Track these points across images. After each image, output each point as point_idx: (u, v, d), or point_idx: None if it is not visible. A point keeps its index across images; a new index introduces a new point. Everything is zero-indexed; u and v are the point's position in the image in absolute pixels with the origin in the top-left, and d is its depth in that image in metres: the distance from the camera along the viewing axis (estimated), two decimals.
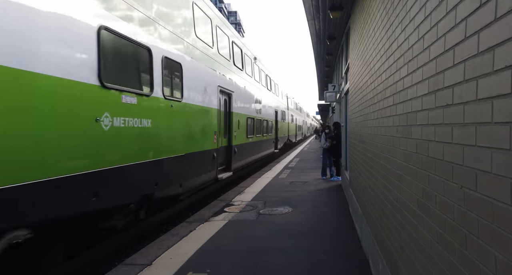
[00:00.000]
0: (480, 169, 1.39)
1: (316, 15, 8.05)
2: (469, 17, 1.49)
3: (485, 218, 1.34)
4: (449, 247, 1.71)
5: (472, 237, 1.45)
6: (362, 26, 5.14)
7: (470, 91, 1.48)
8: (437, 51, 1.89)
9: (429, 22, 2.02)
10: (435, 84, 1.92)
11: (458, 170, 1.61)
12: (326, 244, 4.98)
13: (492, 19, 1.29)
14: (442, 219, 1.81)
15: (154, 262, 4.36)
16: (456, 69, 1.63)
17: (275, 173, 12.70)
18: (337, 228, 5.81)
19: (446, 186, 1.77)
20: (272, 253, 4.62)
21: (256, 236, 5.34)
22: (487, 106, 1.33)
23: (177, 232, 5.60)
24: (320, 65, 15.41)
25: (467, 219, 1.51)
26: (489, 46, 1.32)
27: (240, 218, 6.43)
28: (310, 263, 4.30)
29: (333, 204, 7.56)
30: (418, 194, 2.26)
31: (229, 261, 4.38)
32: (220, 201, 7.99)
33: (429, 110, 2.03)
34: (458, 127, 1.61)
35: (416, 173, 2.30)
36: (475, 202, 1.44)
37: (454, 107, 1.66)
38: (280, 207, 7.29)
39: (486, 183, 1.34)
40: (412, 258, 2.37)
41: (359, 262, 4.32)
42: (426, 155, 2.08)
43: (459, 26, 1.60)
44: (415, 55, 2.33)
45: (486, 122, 1.34)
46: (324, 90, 15.64)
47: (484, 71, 1.36)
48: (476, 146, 1.42)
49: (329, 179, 11.15)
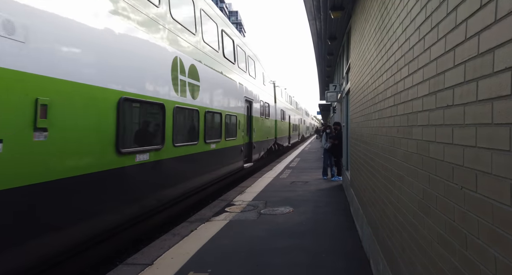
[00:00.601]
0: (480, 170, 1.40)
1: (317, 15, 8.05)
2: (470, 19, 1.49)
3: (485, 219, 1.35)
4: (450, 248, 1.71)
5: (472, 237, 1.46)
6: (363, 26, 5.14)
7: (471, 92, 1.48)
8: (437, 52, 1.90)
9: (430, 23, 2.02)
10: (436, 85, 1.93)
11: (459, 171, 1.61)
12: (327, 244, 4.98)
13: (492, 20, 1.29)
14: (443, 219, 1.81)
15: (155, 262, 4.37)
16: (457, 70, 1.64)
17: (276, 173, 12.71)
18: (338, 228, 5.81)
19: (446, 187, 1.77)
20: (273, 253, 4.63)
21: (257, 236, 5.35)
22: (487, 107, 1.34)
23: (178, 232, 5.61)
24: (321, 65, 15.41)
25: (467, 220, 1.52)
26: (489, 47, 1.32)
27: (241, 218, 6.44)
28: (311, 263, 4.30)
29: (334, 204, 7.57)
30: (418, 194, 2.27)
31: (230, 261, 4.39)
32: (221, 201, 8.00)
33: (429, 110, 2.04)
34: (459, 128, 1.61)
35: (417, 174, 2.30)
36: (475, 203, 1.44)
37: (454, 108, 1.67)
38: (281, 207, 7.30)
39: (486, 184, 1.34)
40: (412, 258, 2.38)
41: (360, 262, 4.33)
42: (427, 155, 2.09)
43: (459, 27, 1.60)
44: (415, 55, 2.33)
45: (486, 123, 1.35)
46: (325, 90, 15.64)
47: (484, 72, 1.36)
48: (476, 147, 1.43)
49: (330, 179, 11.15)
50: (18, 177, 3.32)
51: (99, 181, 4.43)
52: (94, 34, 4.38)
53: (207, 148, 8.14)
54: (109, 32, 4.69)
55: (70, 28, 4.02)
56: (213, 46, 8.86)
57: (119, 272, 4.10)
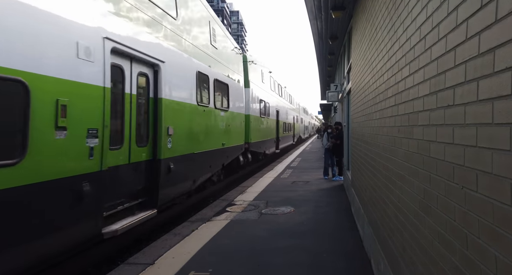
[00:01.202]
0: (480, 169, 1.40)
1: (318, 15, 8.05)
2: (470, 19, 1.49)
3: (486, 218, 1.35)
4: (450, 247, 1.71)
5: (473, 237, 1.46)
6: (364, 26, 5.14)
7: (471, 92, 1.49)
8: (438, 51, 1.90)
9: (431, 22, 2.02)
10: (437, 84, 1.93)
11: (459, 171, 1.62)
12: (328, 244, 4.98)
13: (493, 20, 1.29)
14: (443, 219, 1.81)
15: (156, 262, 4.38)
16: (457, 70, 1.64)
17: (277, 173, 12.71)
18: (339, 228, 5.81)
19: (447, 187, 1.77)
20: (274, 253, 4.63)
21: (258, 236, 5.36)
22: (487, 107, 1.34)
23: (179, 232, 5.62)
24: (322, 65, 15.40)
25: (467, 220, 1.52)
26: (489, 47, 1.32)
27: (242, 218, 6.44)
28: (312, 262, 4.31)
29: (335, 204, 7.56)
30: (419, 194, 2.27)
31: (231, 260, 4.40)
32: (222, 201, 8.00)
33: (430, 110, 2.04)
34: (459, 128, 1.62)
35: (418, 173, 2.30)
36: (476, 203, 1.45)
37: (455, 107, 1.67)
38: (282, 207, 7.30)
39: (487, 183, 1.35)
40: (413, 258, 2.38)
41: (361, 262, 4.33)
42: (428, 155, 2.09)
43: (460, 27, 1.60)
44: (416, 55, 2.33)
45: (486, 123, 1.35)
46: (326, 90, 15.63)
47: (484, 72, 1.36)
48: (477, 146, 1.43)
49: (331, 179, 11.15)
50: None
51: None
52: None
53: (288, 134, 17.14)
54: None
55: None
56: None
57: (120, 272, 4.11)
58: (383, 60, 3.58)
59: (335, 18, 7.62)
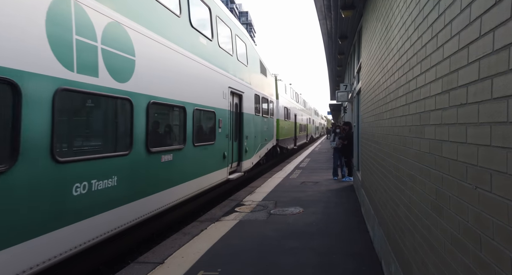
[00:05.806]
0: (495, 169, 1.37)
1: (327, 14, 8.01)
2: (484, 15, 1.46)
3: (501, 219, 1.32)
4: (463, 249, 1.68)
5: (487, 238, 1.43)
6: (375, 24, 5.09)
7: (485, 90, 1.45)
8: (451, 49, 1.87)
9: (443, 20, 1.99)
10: (449, 83, 1.89)
11: (473, 171, 1.58)
12: (337, 245, 4.95)
13: (508, 16, 1.26)
14: (456, 220, 1.78)
15: (166, 261, 4.41)
16: (471, 68, 1.61)
17: (286, 173, 12.68)
18: (349, 228, 5.77)
19: (460, 187, 1.74)
20: (283, 253, 4.62)
21: (267, 236, 5.35)
22: (502, 105, 1.31)
23: (188, 231, 5.64)
24: (331, 65, 15.32)
25: (481, 220, 1.49)
26: (504, 44, 1.29)
27: (251, 218, 6.44)
28: (321, 263, 4.28)
29: (345, 205, 7.51)
30: (431, 194, 2.23)
31: (240, 260, 4.40)
32: (231, 201, 8.02)
33: (442, 109, 2.01)
34: (473, 127, 1.58)
35: (429, 174, 2.27)
36: (490, 203, 1.41)
37: (468, 106, 1.64)
38: (291, 207, 7.28)
39: (502, 183, 1.31)
40: (425, 259, 2.34)
41: (371, 263, 4.28)
42: (440, 155, 2.05)
43: (473, 24, 1.57)
44: (428, 53, 2.30)
45: (501, 122, 1.32)
46: (335, 90, 15.53)
47: (499, 69, 1.33)
48: (491, 146, 1.40)
49: (341, 180, 11.07)
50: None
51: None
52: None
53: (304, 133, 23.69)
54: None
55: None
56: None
57: (131, 270, 4.15)
58: (394, 59, 3.54)
59: (345, 17, 7.57)
